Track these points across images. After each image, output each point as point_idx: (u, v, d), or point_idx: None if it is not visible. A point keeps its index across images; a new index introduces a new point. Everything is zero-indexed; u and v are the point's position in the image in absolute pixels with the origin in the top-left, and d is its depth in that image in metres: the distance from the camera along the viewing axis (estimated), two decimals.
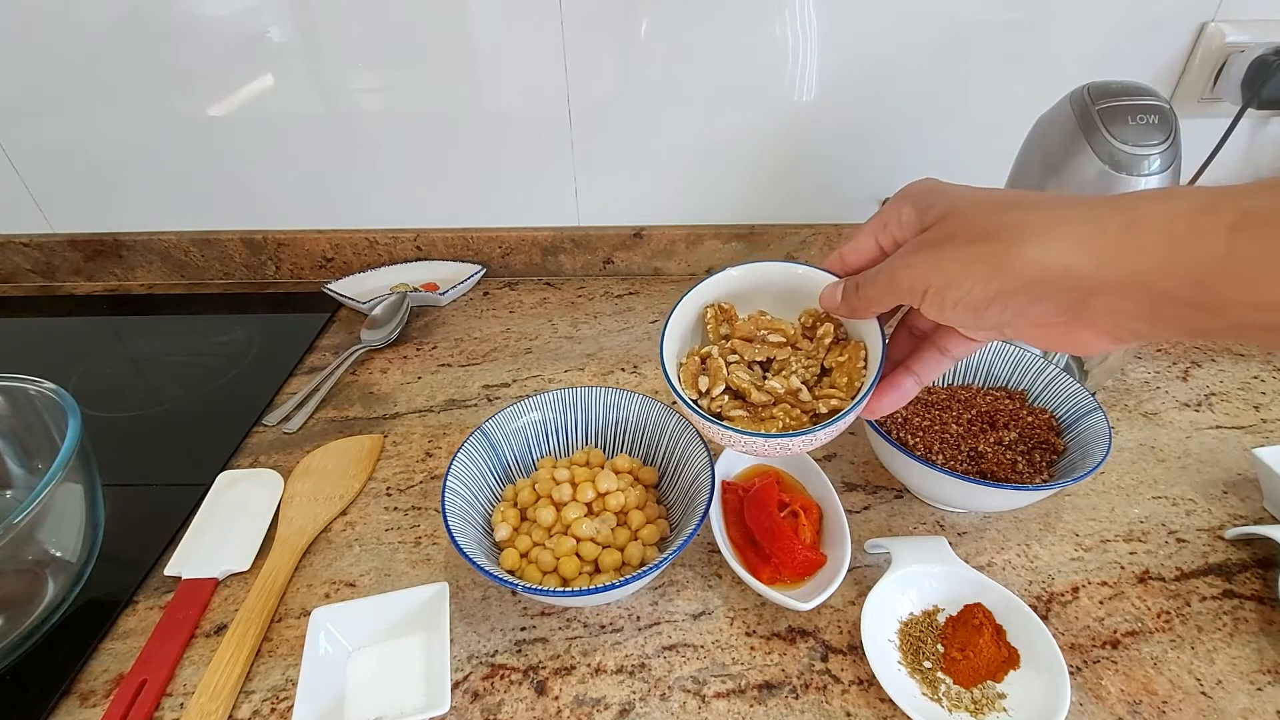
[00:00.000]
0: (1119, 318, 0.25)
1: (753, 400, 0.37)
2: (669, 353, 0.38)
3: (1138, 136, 0.48)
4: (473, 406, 0.63)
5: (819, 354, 0.37)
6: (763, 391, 0.37)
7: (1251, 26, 0.63)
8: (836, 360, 0.37)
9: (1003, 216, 0.27)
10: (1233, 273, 0.22)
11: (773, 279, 0.39)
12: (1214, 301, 0.23)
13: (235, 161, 0.75)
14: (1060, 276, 0.25)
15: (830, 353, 0.37)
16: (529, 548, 0.45)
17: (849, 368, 0.36)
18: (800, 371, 0.37)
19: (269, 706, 0.40)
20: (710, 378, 0.37)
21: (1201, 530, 0.49)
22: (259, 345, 0.71)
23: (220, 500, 0.53)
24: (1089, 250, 0.25)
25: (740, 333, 0.39)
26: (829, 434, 0.34)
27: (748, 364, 0.38)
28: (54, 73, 0.70)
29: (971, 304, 0.28)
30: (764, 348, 0.38)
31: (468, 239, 0.80)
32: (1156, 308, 0.24)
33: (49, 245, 0.81)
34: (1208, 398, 0.61)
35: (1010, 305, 0.27)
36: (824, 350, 0.37)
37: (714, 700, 0.40)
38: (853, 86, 0.69)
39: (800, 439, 0.34)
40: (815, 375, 0.37)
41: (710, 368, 0.38)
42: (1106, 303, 0.25)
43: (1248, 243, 0.22)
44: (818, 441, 0.35)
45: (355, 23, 0.66)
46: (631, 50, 0.67)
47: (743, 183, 0.76)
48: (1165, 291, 0.24)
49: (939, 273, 0.28)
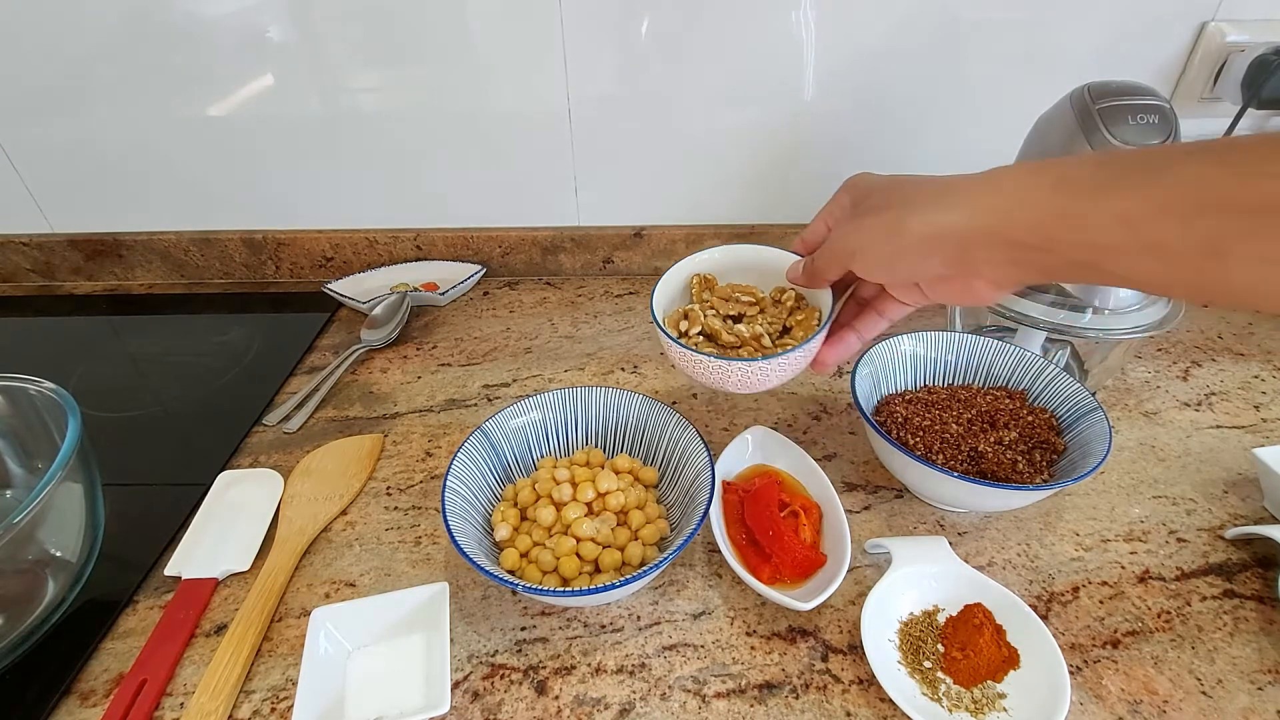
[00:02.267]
0: (994, 265, 0.34)
1: (722, 341, 0.45)
2: (657, 304, 0.46)
3: (1138, 136, 0.48)
4: (473, 406, 0.63)
5: (781, 315, 0.46)
6: (731, 334, 0.45)
7: (1251, 26, 0.63)
8: (796, 320, 0.46)
9: (903, 192, 0.37)
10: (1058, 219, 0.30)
11: (748, 259, 0.49)
12: (1048, 243, 0.31)
13: (235, 161, 0.75)
14: (943, 233, 0.34)
15: (791, 315, 0.46)
16: (529, 547, 0.45)
17: (805, 325, 0.45)
18: (765, 325, 0.46)
19: (269, 706, 0.40)
20: (689, 322, 0.46)
21: (1202, 530, 0.49)
22: (259, 345, 0.71)
23: (220, 500, 0.53)
24: (961, 212, 0.33)
25: (719, 294, 0.48)
26: (779, 364, 0.42)
27: (722, 317, 0.47)
28: (54, 73, 0.70)
29: (883, 260, 0.37)
30: (736, 305, 0.47)
31: (468, 239, 0.80)
32: (1014, 252, 0.32)
33: (49, 245, 0.81)
34: (1208, 397, 0.61)
35: (909, 259, 0.36)
36: (786, 312, 0.46)
37: (714, 700, 0.40)
38: (853, 86, 0.69)
39: (755, 363, 0.42)
40: (778, 331, 0.46)
41: (690, 315, 0.47)
42: (981, 253, 0.33)
43: (1063, 197, 0.30)
44: (769, 371, 0.42)
45: (355, 23, 0.66)
46: (631, 50, 0.67)
47: (743, 183, 0.76)
48: (1017, 239, 0.32)
49: (859, 237, 0.38)
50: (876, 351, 0.55)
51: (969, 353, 0.57)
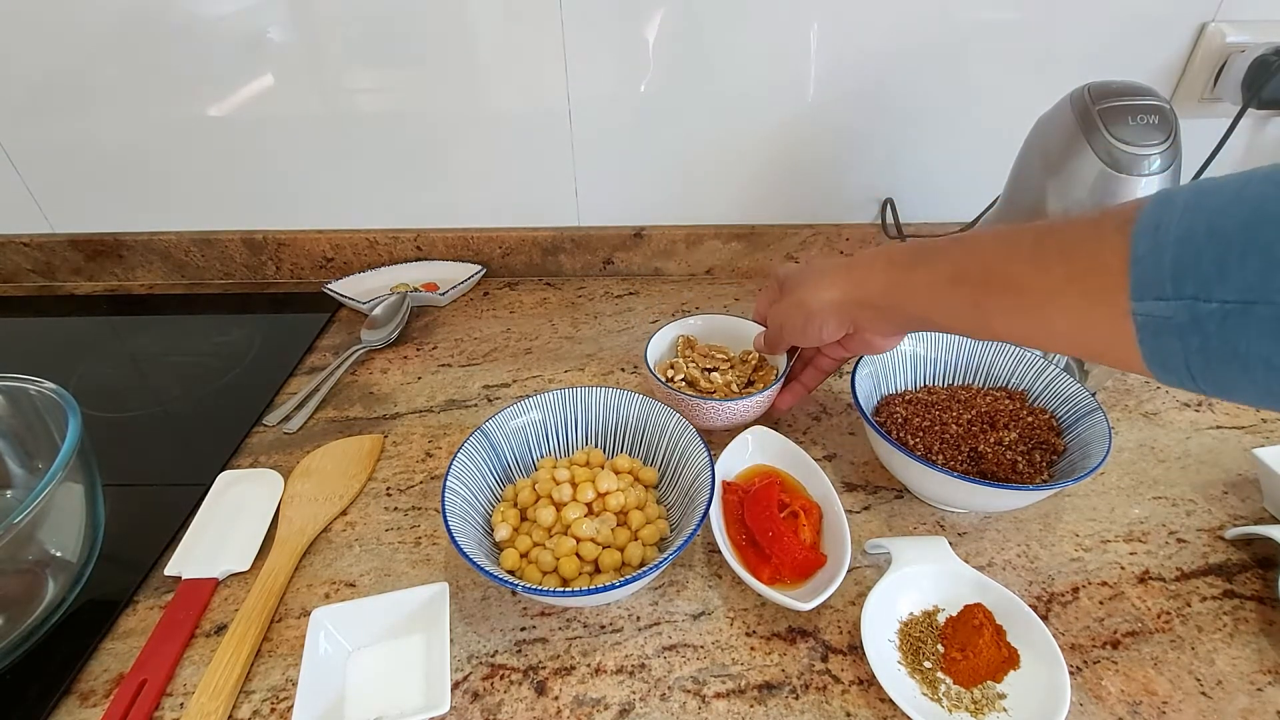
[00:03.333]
0: (871, 322, 0.45)
1: (700, 387, 0.57)
2: (650, 353, 0.59)
3: (1138, 136, 0.48)
4: (473, 406, 0.63)
5: (747, 371, 0.59)
6: (707, 382, 0.58)
7: (1251, 26, 0.63)
8: (758, 374, 0.59)
9: (806, 276, 0.49)
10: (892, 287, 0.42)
11: (722, 326, 0.63)
12: (892, 305, 0.43)
13: (235, 161, 0.75)
14: (831, 305, 0.46)
15: (755, 371, 0.59)
16: (529, 548, 0.45)
17: (765, 379, 0.58)
18: (734, 376, 0.58)
19: (269, 706, 0.40)
20: (675, 370, 0.59)
21: (1201, 530, 0.49)
22: (259, 345, 0.71)
23: (220, 500, 0.53)
24: (840, 288, 0.46)
25: (699, 351, 0.61)
26: (744, 405, 0.54)
27: (701, 369, 0.59)
28: (54, 73, 0.70)
29: (799, 330, 0.49)
30: (712, 360, 0.60)
31: (468, 239, 0.80)
32: (876, 312, 0.44)
33: (49, 245, 0.81)
34: (1208, 397, 0.61)
35: (815, 326, 0.47)
36: (750, 369, 0.59)
37: (714, 700, 0.40)
38: (853, 86, 0.69)
39: (725, 403, 0.54)
40: (744, 382, 0.58)
41: (675, 366, 0.59)
42: (859, 314, 0.45)
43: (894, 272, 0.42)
44: (736, 410, 0.54)
45: (355, 23, 0.66)
46: (632, 50, 0.67)
47: (743, 183, 0.76)
48: (874, 303, 0.44)
49: (782, 316, 0.51)
50: None
51: (969, 353, 0.57)
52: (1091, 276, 0.30)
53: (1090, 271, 0.30)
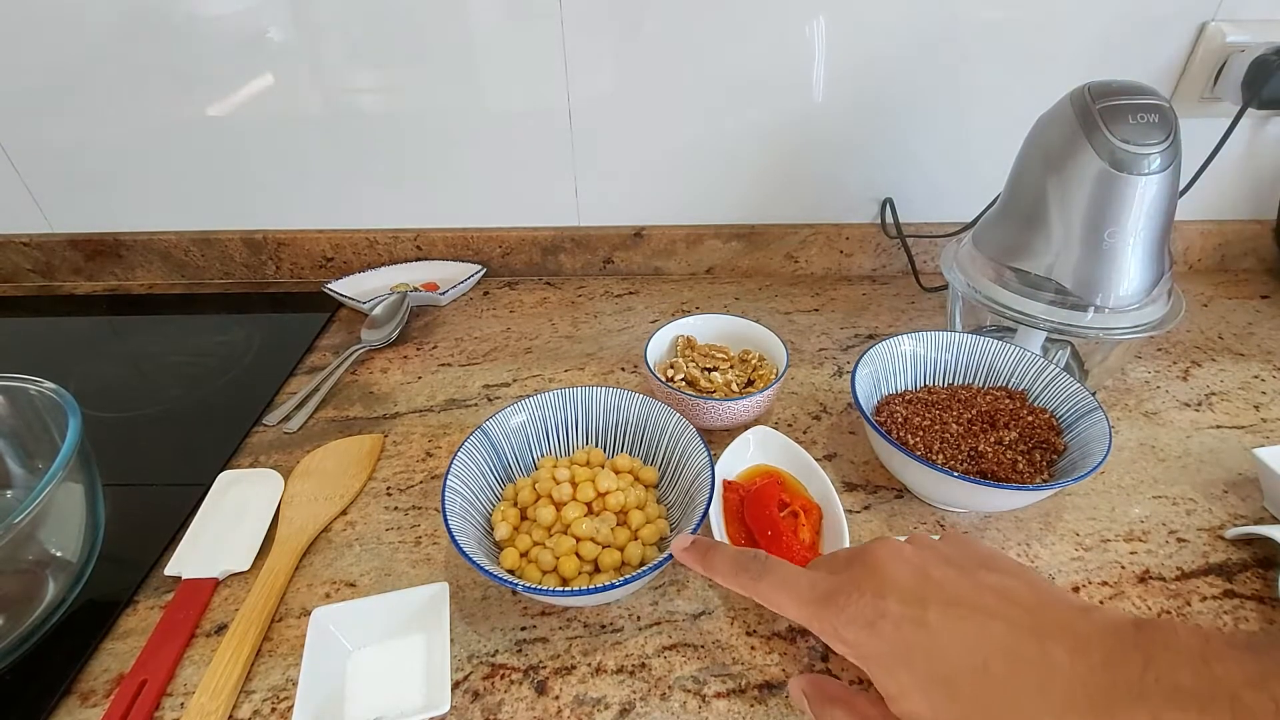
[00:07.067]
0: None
1: (699, 386, 0.57)
2: (650, 353, 0.59)
3: (1138, 136, 0.48)
4: (473, 406, 0.63)
5: (747, 371, 0.59)
6: (707, 380, 0.58)
7: (1251, 26, 0.63)
8: (758, 374, 0.59)
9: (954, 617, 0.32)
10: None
11: (722, 326, 0.63)
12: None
13: (235, 161, 0.75)
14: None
15: (754, 371, 0.59)
16: (529, 547, 0.45)
17: (764, 379, 0.58)
18: (734, 377, 0.58)
19: (269, 706, 0.40)
20: (675, 370, 0.58)
21: (1202, 530, 0.49)
22: (259, 345, 0.71)
23: (220, 500, 0.53)
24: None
25: (699, 351, 0.61)
26: (743, 405, 0.54)
27: (700, 369, 0.59)
28: (54, 73, 0.70)
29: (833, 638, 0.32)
30: (712, 360, 0.60)
31: (468, 239, 0.80)
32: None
33: (49, 245, 0.81)
34: (1208, 397, 0.61)
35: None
36: (750, 369, 0.59)
37: (714, 700, 0.40)
38: (853, 85, 0.69)
39: (724, 402, 0.54)
40: (744, 382, 0.58)
41: (675, 365, 0.59)
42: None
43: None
44: (738, 408, 0.54)
45: (355, 23, 0.66)
46: (631, 50, 0.67)
47: (743, 183, 0.76)
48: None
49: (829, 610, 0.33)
50: (877, 351, 0.55)
51: (969, 353, 0.57)
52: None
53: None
